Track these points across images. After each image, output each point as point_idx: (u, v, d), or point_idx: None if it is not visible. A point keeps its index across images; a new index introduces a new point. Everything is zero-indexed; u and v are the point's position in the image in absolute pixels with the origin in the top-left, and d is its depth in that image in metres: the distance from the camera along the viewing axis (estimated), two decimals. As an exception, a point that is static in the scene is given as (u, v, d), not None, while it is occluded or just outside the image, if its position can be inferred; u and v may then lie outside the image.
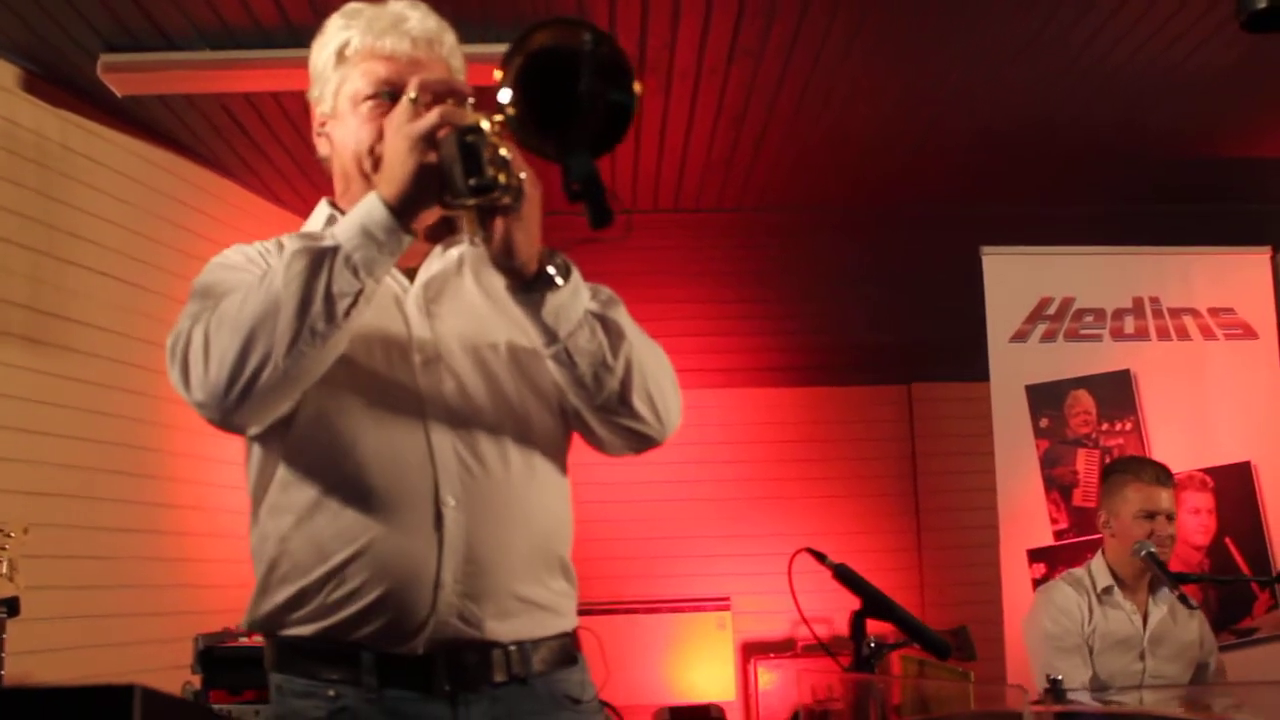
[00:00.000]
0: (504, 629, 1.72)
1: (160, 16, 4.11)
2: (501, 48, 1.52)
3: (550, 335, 1.66)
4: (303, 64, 1.98)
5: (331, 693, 1.68)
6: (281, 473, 1.73)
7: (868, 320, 6.45)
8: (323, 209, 1.91)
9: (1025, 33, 4.42)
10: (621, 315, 1.74)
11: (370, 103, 1.80)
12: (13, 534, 3.44)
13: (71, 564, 4.25)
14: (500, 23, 4.15)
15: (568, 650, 1.83)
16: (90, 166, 4.64)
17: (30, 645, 3.70)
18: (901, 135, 5.44)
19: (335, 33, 1.86)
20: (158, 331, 4.83)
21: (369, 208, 1.58)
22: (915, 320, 6.31)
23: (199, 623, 4.05)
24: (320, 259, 1.55)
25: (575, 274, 1.67)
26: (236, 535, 5.37)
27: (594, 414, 1.76)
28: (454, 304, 1.83)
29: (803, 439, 6.33)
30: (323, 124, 1.90)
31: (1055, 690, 2.63)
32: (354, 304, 1.56)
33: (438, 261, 1.85)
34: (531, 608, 1.76)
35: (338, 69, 1.85)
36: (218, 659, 3.67)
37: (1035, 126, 5.34)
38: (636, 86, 1.52)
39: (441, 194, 1.57)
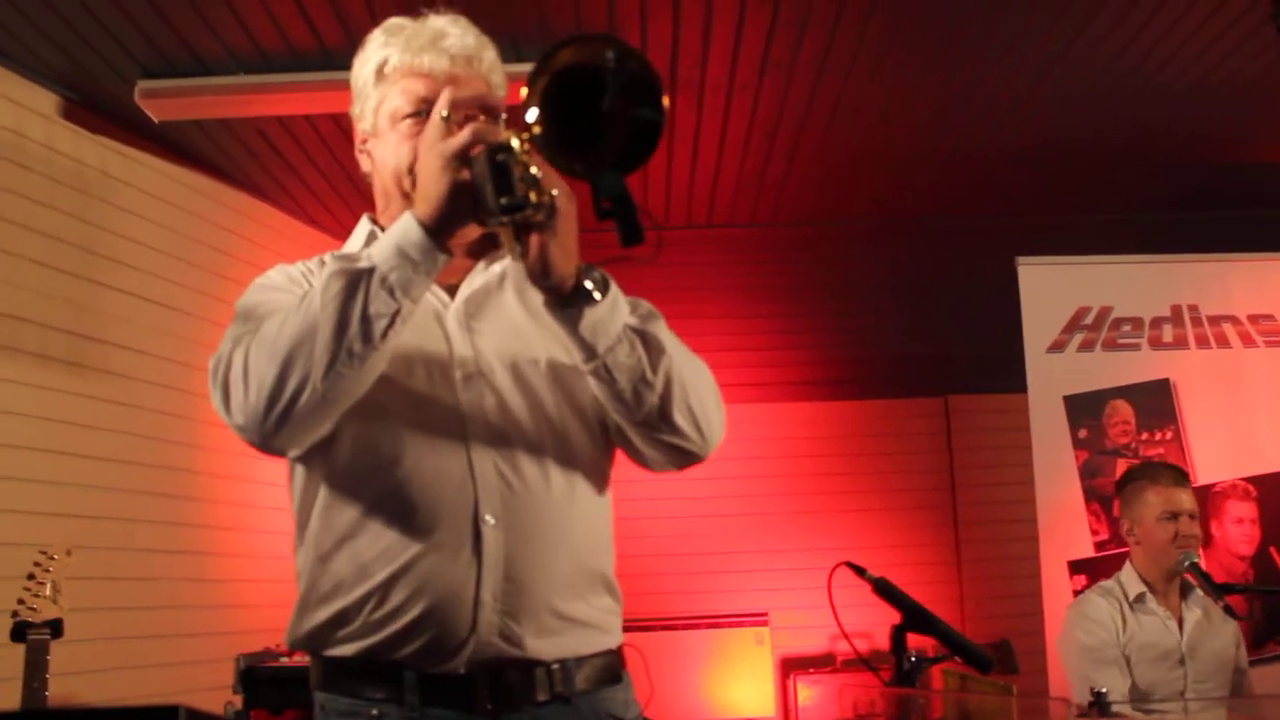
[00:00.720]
0: (546, 647, 1.71)
1: (196, 42, 4.15)
2: (528, 67, 1.51)
3: (589, 351, 1.64)
4: (336, 86, 2.00)
5: (375, 711, 1.68)
6: (324, 493, 1.73)
7: (903, 333, 6.43)
8: (364, 226, 1.91)
9: (1058, 43, 4.40)
10: (661, 330, 1.71)
11: (409, 121, 1.80)
12: (56, 556, 3.48)
13: (113, 586, 4.28)
14: (528, 41, 4.17)
15: (612, 668, 1.82)
16: (128, 192, 4.69)
17: (74, 667, 3.73)
18: (935, 147, 5.43)
19: (375, 50, 1.86)
20: (196, 354, 4.89)
21: (404, 228, 1.57)
22: (951, 332, 6.28)
23: (239, 643, 4.06)
24: (356, 281, 1.55)
25: (614, 289, 1.65)
26: (275, 556, 5.44)
27: (635, 430, 1.74)
28: (495, 320, 1.82)
29: (839, 453, 6.31)
30: (364, 141, 1.90)
31: (1100, 703, 2.61)
32: (391, 325, 1.56)
33: (479, 277, 1.85)
34: (574, 625, 1.75)
35: (377, 87, 1.85)
36: (259, 679, 3.68)
37: (1070, 136, 5.32)
38: (665, 101, 1.50)
39: (477, 212, 1.56)
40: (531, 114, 1.49)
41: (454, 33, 1.83)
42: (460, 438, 1.72)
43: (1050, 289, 5.08)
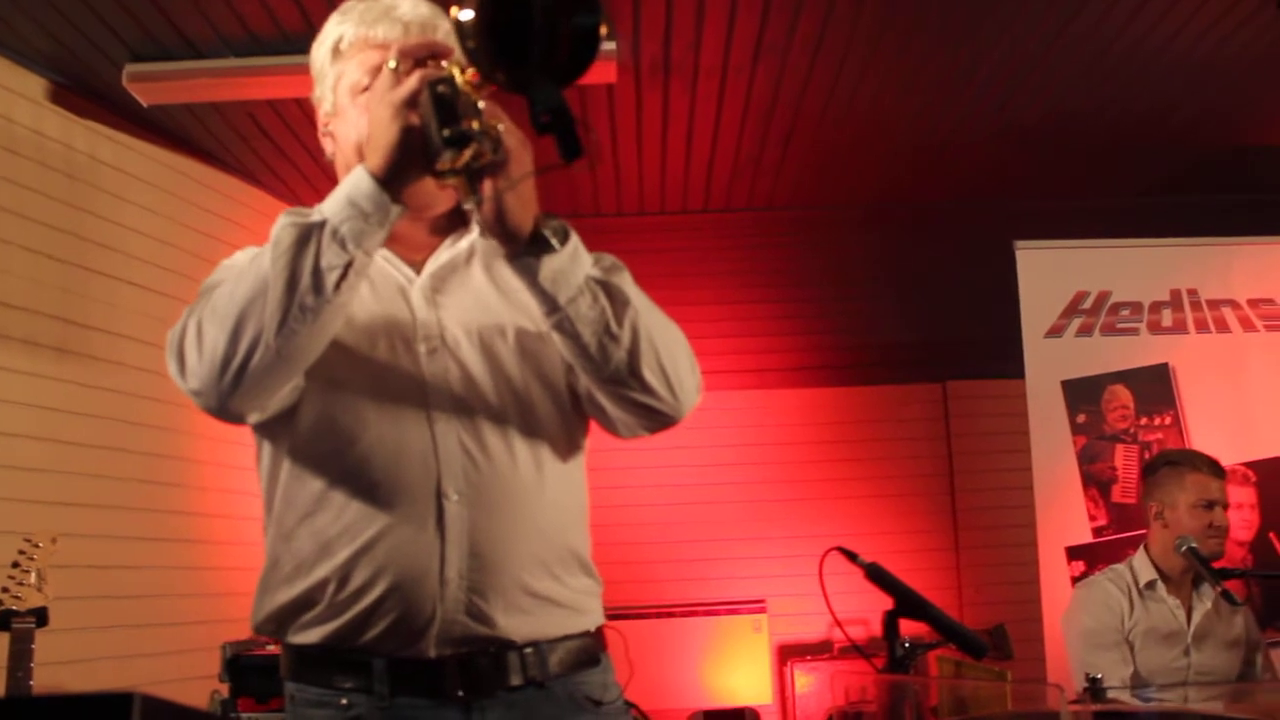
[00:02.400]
0: (517, 625, 1.68)
1: (185, 25, 4.11)
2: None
3: (550, 303, 1.60)
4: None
5: (344, 701, 1.67)
6: (287, 468, 1.72)
7: (901, 318, 6.40)
8: None
9: (1055, 24, 4.36)
10: (625, 282, 1.66)
11: (368, 92, 1.77)
12: (41, 544, 3.44)
13: (100, 574, 4.26)
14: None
15: (589, 650, 1.79)
16: (117, 176, 4.65)
17: (60, 656, 3.71)
18: (931, 130, 5.39)
19: (330, 29, 1.85)
20: (186, 340, 4.85)
21: (355, 179, 1.54)
22: (949, 317, 6.26)
23: (227, 631, 4.04)
24: (307, 234, 1.52)
25: (574, 239, 1.61)
26: (262, 543, 5.36)
27: (603, 389, 1.69)
28: (460, 293, 1.79)
29: (838, 439, 6.28)
30: (326, 124, 1.88)
31: (1094, 689, 2.58)
32: (344, 276, 1.53)
33: (446, 253, 1.82)
34: (547, 605, 1.72)
35: (334, 64, 1.83)
36: (245, 667, 3.66)
37: (1067, 118, 5.27)
38: (603, 21, 1.43)
39: (429, 159, 1.53)
40: (465, 14, 1.41)
41: (406, 3, 1.82)
42: (423, 411, 1.69)
43: (1048, 273, 5.06)
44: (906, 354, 6.36)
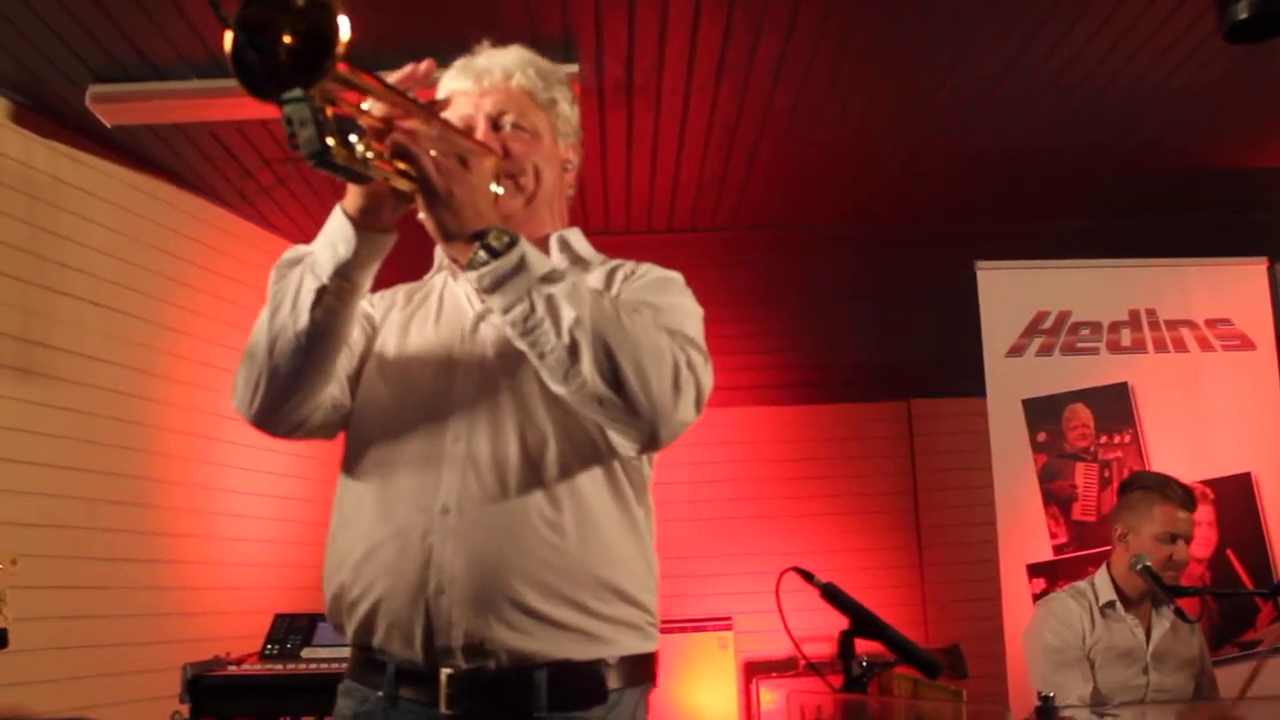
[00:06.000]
0: (506, 640, 1.67)
1: (147, 48, 4.11)
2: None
3: (499, 310, 1.62)
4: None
5: (361, 696, 1.77)
6: (340, 481, 1.86)
7: (866, 337, 6.44)
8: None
9: (1013, 48, 4.41)
10: (570, 290, 1.61)
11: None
12: (0, 566, 3.43)
13: (63, 594, 4.24)
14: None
15: (594, 682, 1.74)
16: (80, 196, 4.64)
17: (22, 677, 3.69)
18: (894, 151, 5.43)
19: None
20: (149, 359, 4.84)
21: (333, 217, 1.68)
22: (914, 336, 6.29)
23: (192, 651, 4.01)
24: (295, 265, 1.71)
25: (519, 250, 1.61)
26: (230, 563, 5.35)
27: (572, 400, 1.65)
28: None
29: (803, 457, 6.31)
30: None
31: (1046, 708, 2.60)
32: (317, 300, 1.66)
33: None
34: (549, 627, 1.69)
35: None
36: (206, 688, 3.63)
37: (1027, 141, 5.33)
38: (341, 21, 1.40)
39: (398, 194, 1.63)
40: (228, 41, 1.41)
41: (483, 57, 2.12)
42: (444, 431, 1.76)
43: (1009, 293, 5.11)
44: (871, 373, 6.40)
